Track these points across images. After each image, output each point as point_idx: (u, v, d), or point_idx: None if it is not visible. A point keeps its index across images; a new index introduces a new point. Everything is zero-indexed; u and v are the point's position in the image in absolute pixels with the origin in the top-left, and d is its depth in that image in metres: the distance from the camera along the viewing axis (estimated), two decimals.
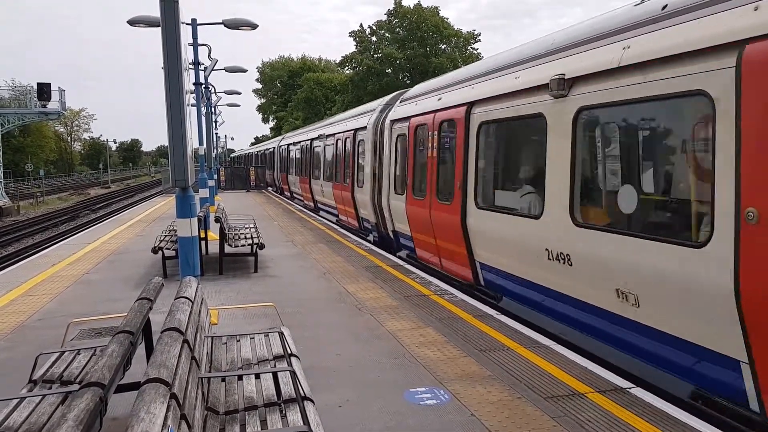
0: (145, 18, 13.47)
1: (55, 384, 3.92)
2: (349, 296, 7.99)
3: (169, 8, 5.88)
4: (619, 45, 5.28)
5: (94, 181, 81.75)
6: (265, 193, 32.87)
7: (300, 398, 3.37)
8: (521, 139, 7.82)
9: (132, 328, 3.47)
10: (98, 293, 8.43)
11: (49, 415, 3.39)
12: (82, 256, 11.68)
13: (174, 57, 5.96)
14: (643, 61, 4.89)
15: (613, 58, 5.25)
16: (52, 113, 41.09)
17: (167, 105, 6.07)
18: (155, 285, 4.42)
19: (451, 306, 7.34)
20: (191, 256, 6.45)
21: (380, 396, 4.66)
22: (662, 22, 4.86)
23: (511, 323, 6.58)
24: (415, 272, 9.54)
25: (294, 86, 73.96)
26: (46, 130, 76.86)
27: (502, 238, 7.34)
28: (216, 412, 3.29)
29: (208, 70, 20.00)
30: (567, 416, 4.23)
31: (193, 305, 3.81)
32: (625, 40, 5.22)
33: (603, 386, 4.75)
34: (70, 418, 2.14)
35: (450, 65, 47.97)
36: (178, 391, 2.44)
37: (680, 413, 4.23)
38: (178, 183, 6.27)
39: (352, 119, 16.53)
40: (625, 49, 5.14)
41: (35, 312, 7.44)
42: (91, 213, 36.20)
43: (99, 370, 2.68)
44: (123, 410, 4.10)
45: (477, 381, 4.92)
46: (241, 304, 7.55)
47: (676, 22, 4.69)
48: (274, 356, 4.21)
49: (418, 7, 53.00)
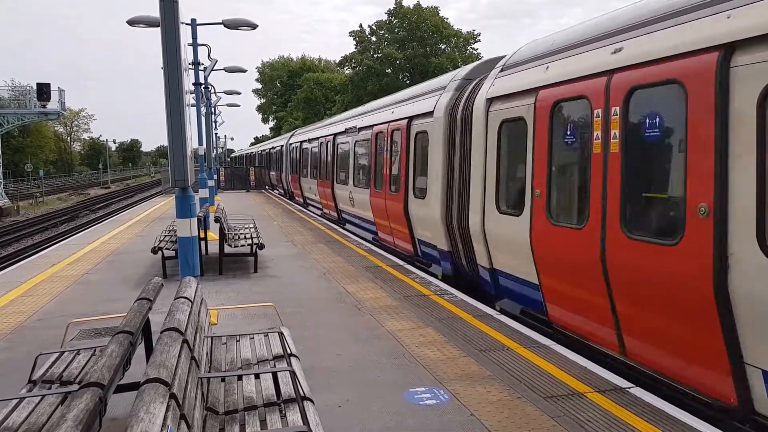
0: (144, 18, 13.47)
1: (55, 384, 3.92)
2: (349, 296, 7.99)
3: (168, 8, 5.88)
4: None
5: (94, 181, 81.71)
6: (265, 194, 32.87)
7: (300, 398, 3.37)
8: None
9: (131, 328, 3.47)
10: (98, 293, 8.43)
11: (48, 415, 3.39)
12: (81, 256, 11.67)
13: (174, 57, 5.96)
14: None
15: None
16: (51, 113, 41.11)
17: (167, 105, 6.07)
18: (155, 285, 4.42)
19: (451, 306, 7.34)
20: (191, 256, 6.45)
21: (380, 396, 4.66)
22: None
23: (510, 323, 6.58)
24: (415, 272, 9.53)
25: (294, 86, 73.97)
26: (45, 131, 76.81)
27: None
28: (215, 412, 3.29)
29: (208, 71, 20.01)
30: (567, 416, 4.23)
31: (192, 305, 3.81)
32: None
33: (602, 386, 4.75)
34: (69, 419, 2.14)
35: (450, 65, 47.95)
36: (178, 391, 2.44)
37: (680, 413, 4.23)
38: (178, 183, 6.27)
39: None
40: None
41: (35, 312, 7.43)
42: (90, 213, 36.19)
43: (98, 371, 2.67)
44: (122, 410, 4.11)
45: (477, 381, 4.92)
46: (241, 305, 7.54)
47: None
48: (273, 356, 4.21)
49: (417, 7, 53.02)
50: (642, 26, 5.21)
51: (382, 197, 12.47)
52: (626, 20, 5.52)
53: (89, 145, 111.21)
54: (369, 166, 13.75)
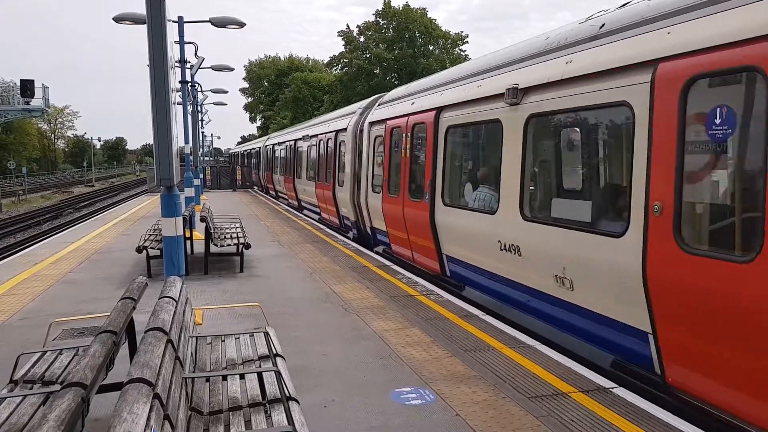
0: (131, 15, 13.32)
1: (37, 384, 3.87)
2: (336, 296, 7.97)
3: (155, 5, 5.85)
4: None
5: (78, 179, 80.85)
6: (252, 193, 32.71)
7: (285, 398, 3.36)
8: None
9: (115, 327, 3.44)
10: (81, 293, 8.34)
11: (29, 415, 3.35)
12: (65, 255, 11.55)
13: (160, 55, 5.92)
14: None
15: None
16: (35, 110, 40.76)
17: (153, 103, 6.03)
18: (139, 284, 4.38)
19: (437, 306, 7.36)
20: (176, 255, 6.42)
21: (366, 396, 4.66)
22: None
23: (496, 323, 6.61)
24: (402, 272, 9.55)
25: (281, 85, 73.70)
26: (29, 128, 76.00)
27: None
28: (200, 412, 3.27)
29: (195, 69, 19.89)
30: (551, 416, 4.26)
31: (177, 305, 3.79)
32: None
33: (586, 386, 4.79)
34: (51, 419, 2.12)
35: (438, 66, 48.05)
36: (162, 391, 2.43)
37: (663, 413, 4.27)
38: (163, 182, 6.23)
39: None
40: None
41: (17, 311, 7.34)
42: (74, 212, 35.79)
43: (81, 370, 2.65)
44: (105, 411, 4.06)
45: (462, 381, 4.93)
46: (227, 304, 7.50)
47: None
48: (259, 356, 4.19)
49: (406, 8, 53.06)
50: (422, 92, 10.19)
51: (321, 188, 17.36)
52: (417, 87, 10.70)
53: (73, 142, 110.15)
54: (316, 165, 18.52)
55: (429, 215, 8.91)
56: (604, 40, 5.42)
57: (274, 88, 77.64)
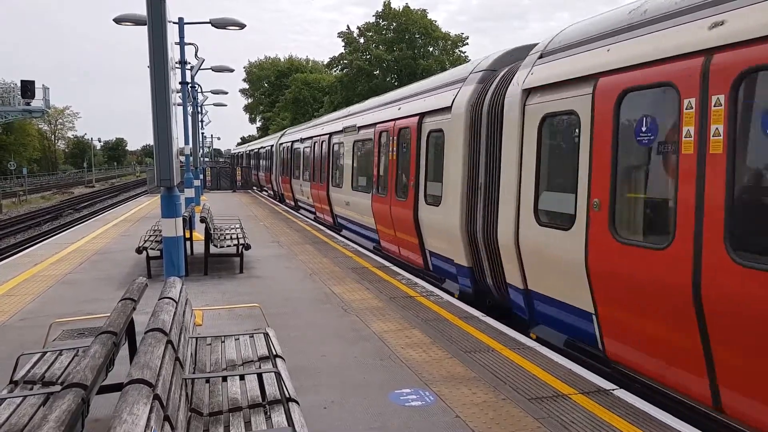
0: (131, 16, 13.32)
1: (37, 385, 3.87)
2: (335, 297, 7.98)
3: (155, 7, 5.85)
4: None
5: (78, 180, 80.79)
6: (251, 194, 32.71)
7: (285, 399, 3.36)
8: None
9: (115, 328, 3.44)
10: (81, 293, 8.34)
11: (30, 416, 3.35)
12: (65, 255, 11.55)
13: (160, 56, 5.93)
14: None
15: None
16: (35, 111, 40.75)
17: (153, 104, 6.03)
18: (139, 285, 4.38)
19: (436, 307, 7.36)
20: (176, 256, 6.42)
21: (365, 397, 4.66)
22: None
23: (496, 325, 6.61)
24: (402, 273, 9.55)
25: (281, 86, 73.71)
26: (29, 128, 75.89)
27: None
28: (200, 413, 3.27)
29: (195, 70, 19.89)
30: (551, 417, 4.26)
31: (177, 306, 3.79)
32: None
33: (586, 388, 4.79)
34: (51, 420, 2.12)
35: (438, 68, 48.07)
36: (162, 392, 2.43)
37: (663, 415, 4.27)
38: (164, 182, 6.23)
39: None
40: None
41: (17, 312, 7.34)
42: (74, 212, 35.78)
43: (81, 371, 2.65)
44: (106, 411, 4.06)
45: (462, 382, 4.93)
46: (226, 305, 7.50)
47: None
48: (259, 357, 4.19)
49: (406, 9, 53.10)
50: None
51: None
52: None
53: (74, 143, 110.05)
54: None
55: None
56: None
57: (273, 90, 77.66)
